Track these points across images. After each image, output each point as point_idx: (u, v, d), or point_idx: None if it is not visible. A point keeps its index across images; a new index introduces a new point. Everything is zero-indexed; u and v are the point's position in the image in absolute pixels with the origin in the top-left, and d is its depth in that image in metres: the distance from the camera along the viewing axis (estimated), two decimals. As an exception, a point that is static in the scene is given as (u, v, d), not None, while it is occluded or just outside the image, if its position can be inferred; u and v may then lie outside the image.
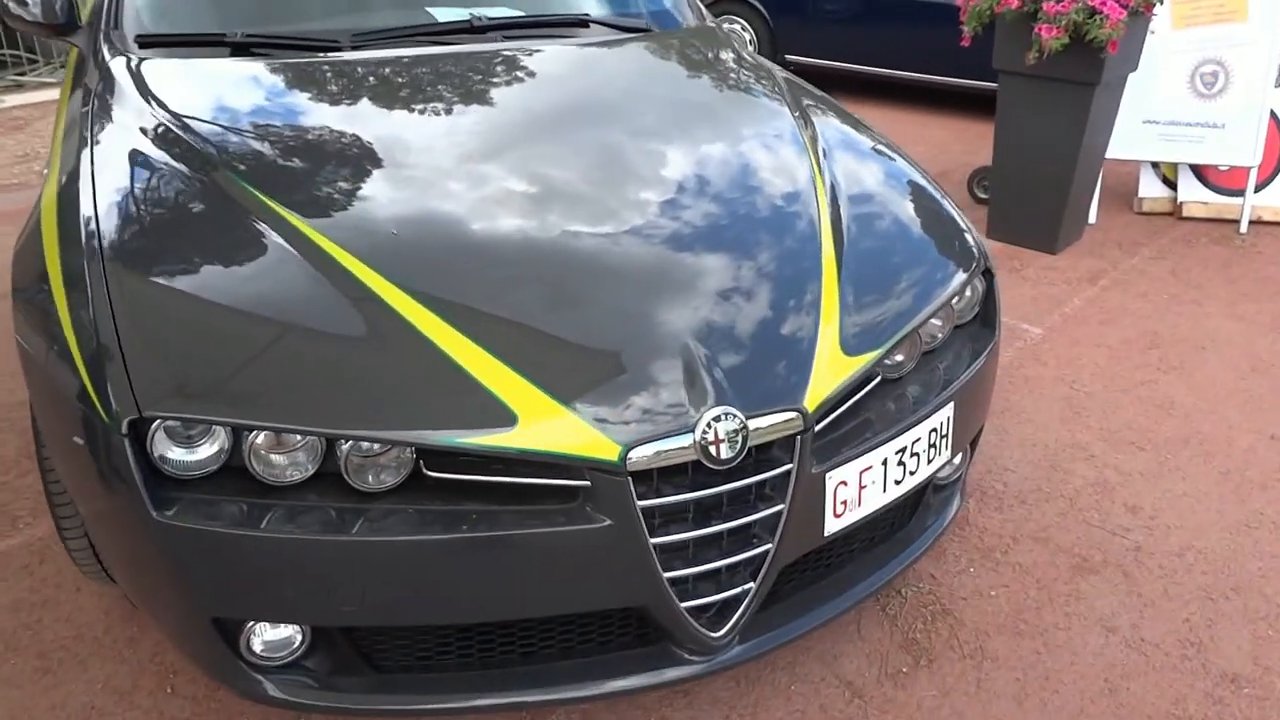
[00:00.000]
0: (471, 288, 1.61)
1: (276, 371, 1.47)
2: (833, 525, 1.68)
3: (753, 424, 1.53)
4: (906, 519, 2.01)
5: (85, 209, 1.73)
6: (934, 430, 1.81)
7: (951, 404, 1.84)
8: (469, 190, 1.84)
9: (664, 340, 1.57)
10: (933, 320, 1.93)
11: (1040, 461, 2.69)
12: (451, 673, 1.61)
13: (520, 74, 2.33)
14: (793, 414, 1.56)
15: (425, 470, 1.51)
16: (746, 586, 1.62)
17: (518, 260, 1.68)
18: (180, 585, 1.47)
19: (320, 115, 2.05)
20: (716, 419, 1.49)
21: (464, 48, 2.42)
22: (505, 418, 1.46)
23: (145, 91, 2.10)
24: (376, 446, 1.47)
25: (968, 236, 2.06)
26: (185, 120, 1.99)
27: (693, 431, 1.49)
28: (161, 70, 2.21)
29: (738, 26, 6.68)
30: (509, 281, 1.63)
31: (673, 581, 1.56)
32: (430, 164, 1.91)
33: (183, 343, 1.50)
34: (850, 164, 2.16)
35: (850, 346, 1.68)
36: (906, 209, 2.06)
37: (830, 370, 1.63)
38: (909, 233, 1.99)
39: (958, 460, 2.11)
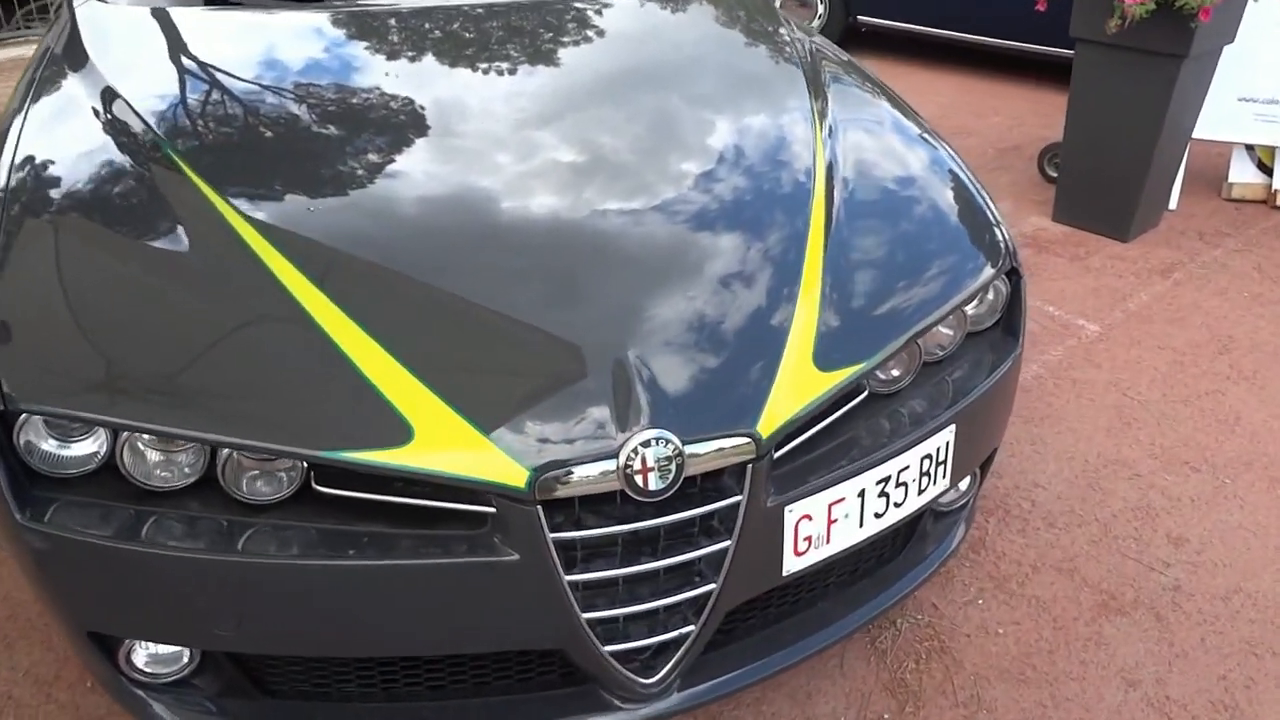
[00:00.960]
0: (388, 281, 1.43)
1: (162, 368, 1.31)
2: (793, 564, 1.47)
3: (691, 450, 1.32)
4: (897, 550, 1.78)
5: None
6: (928, 457, 1.58)
7: (953, 427, 1.61)
8: (406, 172, 1.64)
9: (598, 350, 1.37)
10: (940, 328, 1.69)
11: (1077, 479, 2.42)
12: (352, 703, 1.45)
13: (497, 28, 2.13)
14: (742, 440, 1.35)
15: (315, 485, 1.35)
16: (686, 629, 1.43)
17: (445, 254, 1.48)
18: (48, 594, 1.34)
19: (279, 79, 1.88)
20: (645, 444, 1.29)
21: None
22: (400, 432, 1.28)
23: (100, 46, 1.96)
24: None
25: (995, 230, 1.79)
26: (132, 84, 1.84)
27: (616, 457, 1.29)
28: (123, 19, 2.07)
29: (808, -17, 6.32)
30: (431, 276, 1.44)
31: (597, 622, 1.37)
32: (376, 142, 1.71)
33: (65, 332, 1.35)
34: (863, 143, 1.90)
35: (826, 359, 1.46)
36: (922, 197, 1.80)
37: (796, 388, 1.41)
38: (920, 225, 1.74)
39: (964, 486, 1.87)
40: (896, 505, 1.56)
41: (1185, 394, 2.77)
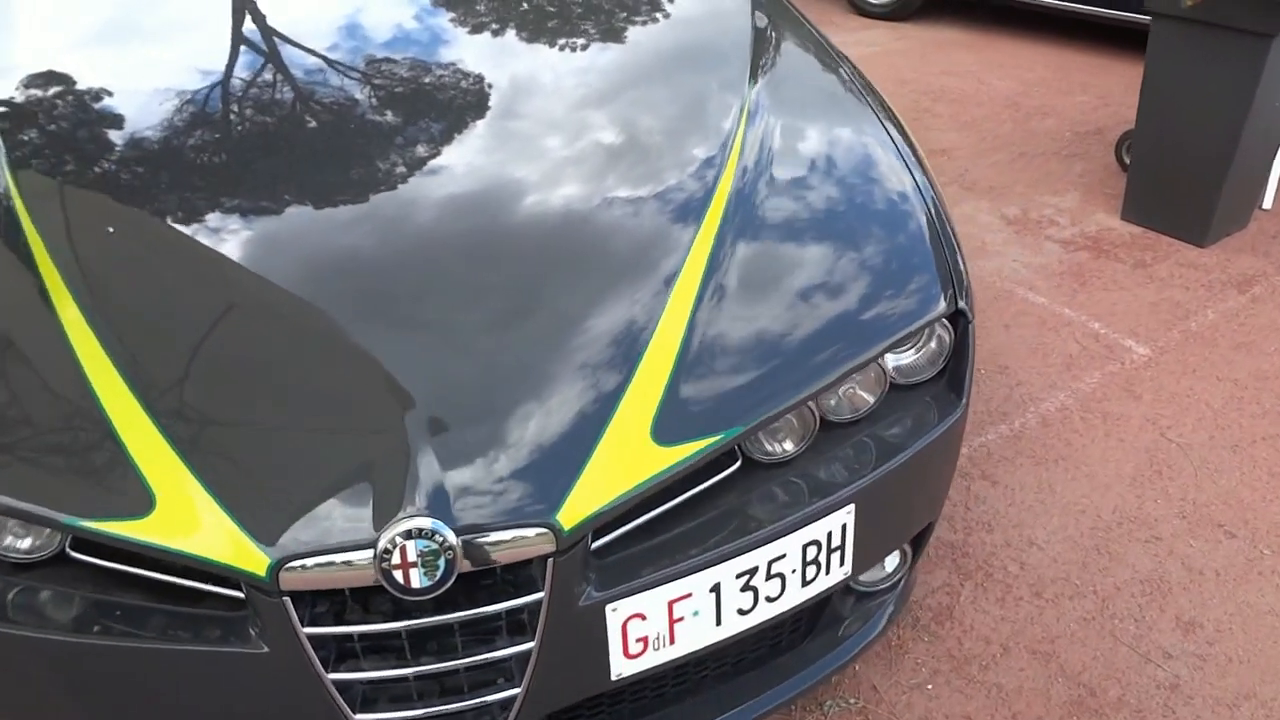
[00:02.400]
0: (162, 328, 1.24)
1: None
2: (626, 667, 1.23)
3: (467, 542, 1.09)
4: (800, 636, 1.51)
5: None
6: (815, 543, 1.31)
7: (851, 507, 1.32)
8: (215, 213, 1.41)
9: (375, 424, 1.14)
10: (857, 388, 1.40)
11: (1082, 538, 2.07)
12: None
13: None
14: (535, 531, 1.11)
15: (68, 551, 1.18)
16: None
17: (229, 307, 1.27)
18: None
19: (117, 82, 1.70)
20: (407, 535, 1.07)
21: None
22: (141, 502, 1.10)
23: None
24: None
25: (939, 265, 1.47)
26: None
27: (374, 548, 1.07)
28: None
29: (891, -55, 5.85)
30: (209, 330, 1.24)
31: None
32: (196, 179, 1.47)
33: None
34: (790, 150, 1.60)
35: (669, 431, 1.19)
36: (851, 222, 1.50)
37: (621, 467, 1.16)
38: (841, 259, 1.44)
39: (890, 567, 1.58)
40: (770, 600, 1.30)
41: (1237, 438, 2.37)
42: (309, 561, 1.07)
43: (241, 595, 1.12)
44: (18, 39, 1.83)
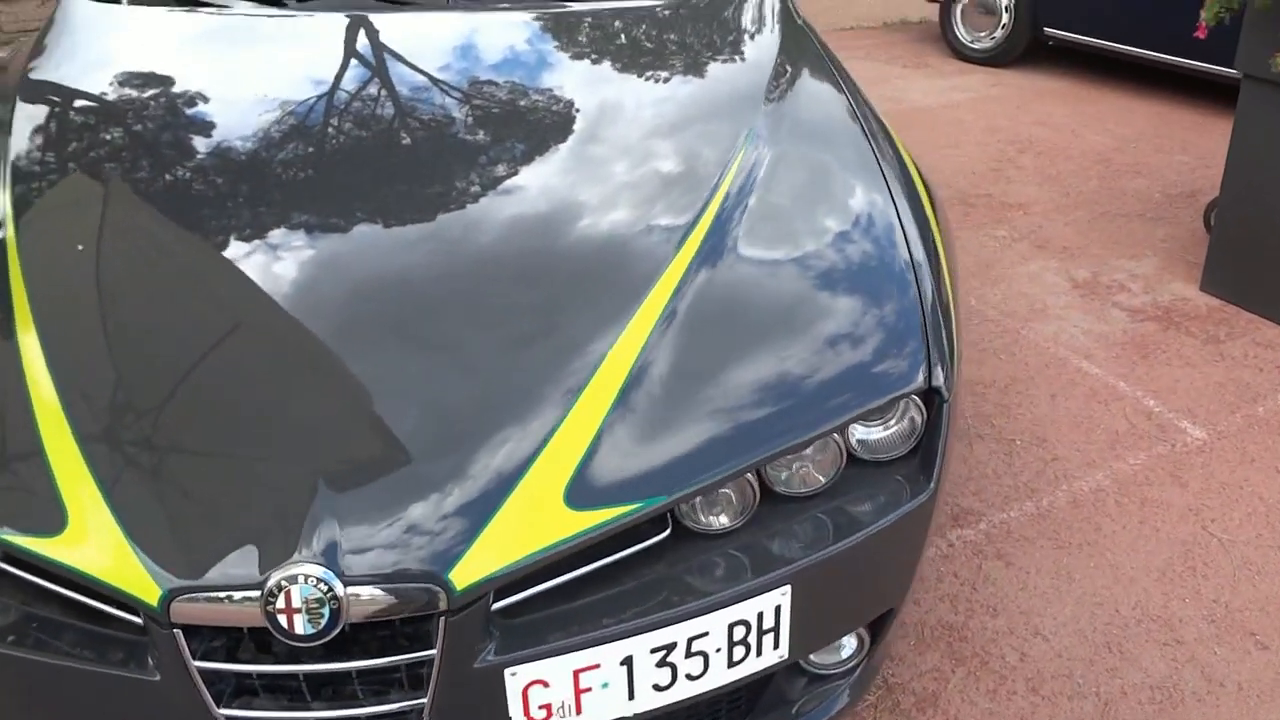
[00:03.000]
0: (111, 348, 1.27)
1: None
2: (527, 733, 1.19)
3: (355, 593, 1.07)
4: (737, 716, 1.44)
5: None
6: (743, 623, 1.25)
7: (787, 588, 1.26)
8: (185, 240, 1.44)
9: (285, 463, 1.14)
10: (804, 462, 1.33)
11: (1094, 633, 1.94)
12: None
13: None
14: (425, 588, 1.09)
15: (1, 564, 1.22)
16: None
17: (173, 333, 1.29)
18: None
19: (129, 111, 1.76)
20: (293, 579, 1.06)
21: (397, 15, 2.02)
22: (55, 519, 1.12)
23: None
24: None
25: (917, 337, 1.40)
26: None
27: (260, 589, 1.07)
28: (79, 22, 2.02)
29: (994, -11, 5.69)
30: (156, 348, 1.26)
31: None
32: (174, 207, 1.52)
33: None
34: (780, 198, 1.55)
35: (585, 494, 1.15)
36: (827, 276, 1.44)
37: (526, 529, 1.12)
38: (807, 316, 1.38)
39: (846, 651, 1.50)
40: (691, 678, 1.24)
41: (1287, 538, 2.18)
42: (199, 595, 1.07)
43: (138, 621, 1.13)
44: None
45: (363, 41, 1.93)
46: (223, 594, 1.07)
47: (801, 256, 1.47)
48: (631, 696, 1.22)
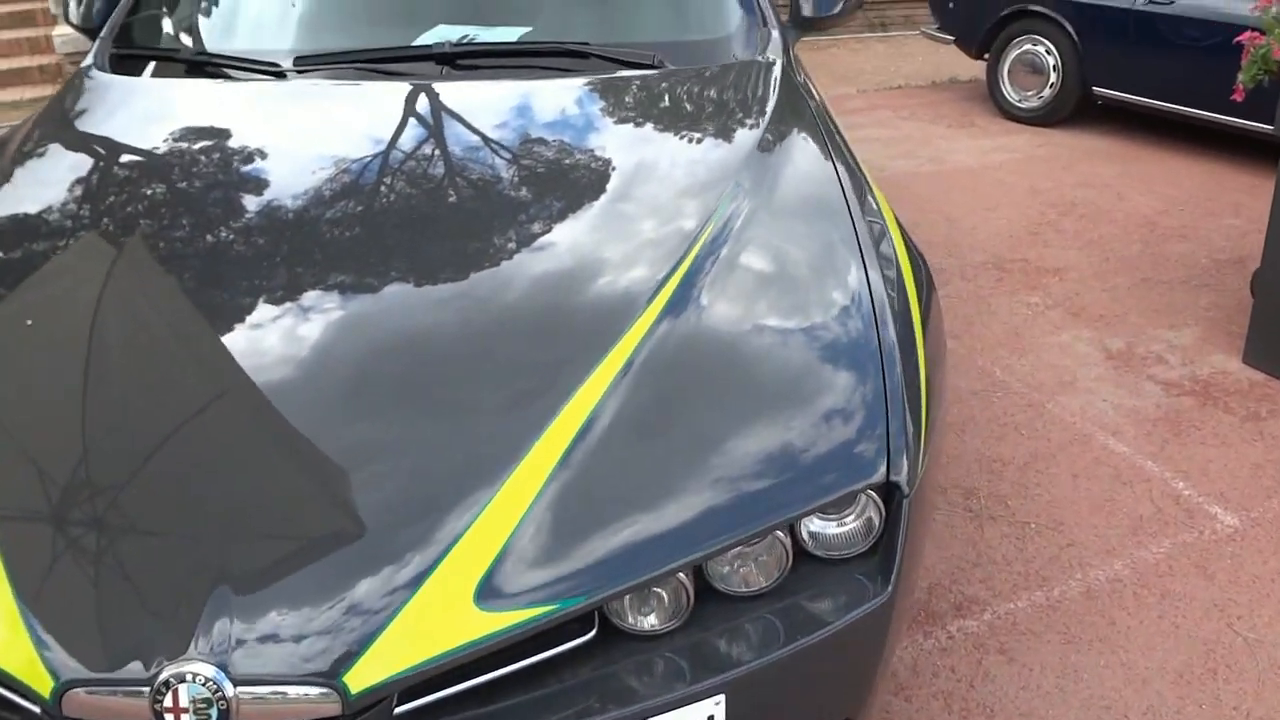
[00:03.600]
0: (37, 423, 1.26)
1: None
2: (438, 847, 1.13)
3: (245, 693, 1.03)
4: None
5: None
6: (668, 735, 1.17)
7: (720, 698, 1.18)
8: (117, 313, 1.44)
9: (196, 546, 1.11)
10: (746, 561, 1.26)
11: (1099, 740, 1.81)
12: None
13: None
14: (318, 690, 1.04)
15: None
16: None
17: (96, 418, 1.27)
18: None
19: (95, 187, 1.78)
20: (181, 678, 1.02)
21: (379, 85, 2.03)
22: None
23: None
24: None
25: (875, 426, 1.32)
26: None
27: (149, 686, 1.03)
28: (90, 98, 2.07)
29: (1041, 49, 5.59)
30: (80, 426, 1.25)
31: None
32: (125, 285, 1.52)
33: None
34: (739, 272, 1.50)
35: (497, 594, 1.10)
36: (783, 361, 1.38)
37: (432, 630, 1.07)
38: (758, 404, 1.31)
39: None
40: (614, 792, 1.17)
41: (1321, 640, 2.02)
42: (88, 690, 1.04)
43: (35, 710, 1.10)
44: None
45: (364, 110, 1.94)
46: (113, 689, 1.04)
47: (758, 336, 1.41)
48: (550, 810, 1.15)
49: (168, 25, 2.30)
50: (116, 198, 1.70)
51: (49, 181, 1.78)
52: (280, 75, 2.09)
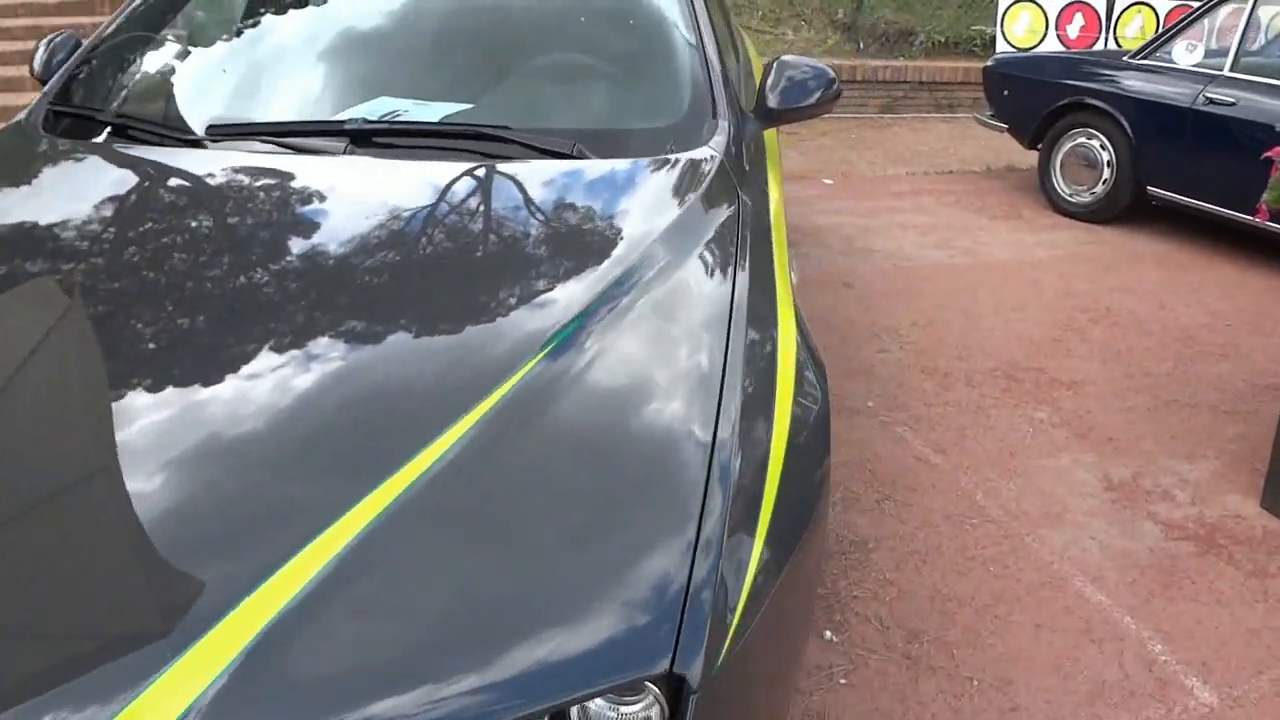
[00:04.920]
0: None
1: None
2: None
3: None
4: None
5: None
6: None
7: None
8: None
9: None
10: None
11: None
12: None
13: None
14: None
15: None
16: None
17: None
18: None
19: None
20: None
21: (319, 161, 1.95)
22: None
23: None
24: None
25: (676, 604, 1.13)
26: None
27: None
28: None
29: (1095, 144, 5.34)
30: None
31: None
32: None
33: None
34: (573, 408, 1.34)
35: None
36: (572, 521, 1.20)
37: None
38: (526, 571, 1.13)
39: None
40: None
41: None
42: None
43: None
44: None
45: (256, 182, 1.86)
46: None
47: (561, 477, 1.24)
48: None
49: (102, 86, 2.27)
50: None
51: None
52: (197, 144, 2.03)
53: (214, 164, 1.94)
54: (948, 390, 3.43)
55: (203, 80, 2.27)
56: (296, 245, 1.68)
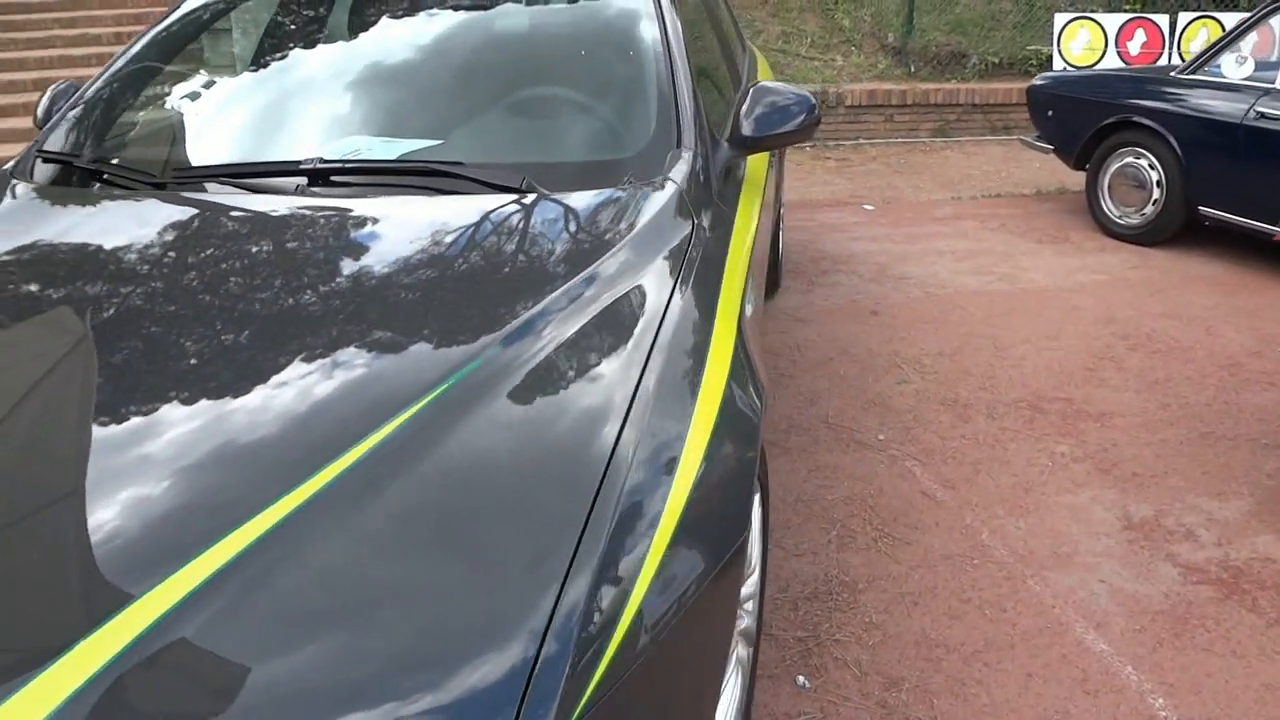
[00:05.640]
0: None
1: None
2: None
3: None
4: None
5: None
6: None
7: None
8: None
9: None
10: None
11: None
12: None
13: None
14: None
15: None
16: None
17: None
18: None
19: None
20: None
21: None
22: None
23: None
24: None
25: (518, 682, 1.05)
26: None
27: None
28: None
29: (1144, 163, 5.12)
30: None
31: None
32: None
33: None
34: (460, 451, 1.29)
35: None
36: (444, 556, 1.15)
37: None
38: (379, 622, 1.07)
39: None
40: None
41: None
42: None
43: None
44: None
45: (201, 224, 1.88)
46: None
47: (425, 513, 1.20)
48: None
49: (84, 134, 2.33)
50: None
51: None
52: (160, 186, 2.07)
53: (173, 206, 1.96)
54: (966, 423, 3.29)
55: (175, 127, 2.32)
56: (234, 277, 1.69)
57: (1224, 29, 8.12)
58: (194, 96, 2.42)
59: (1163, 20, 8.35)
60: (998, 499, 2.83)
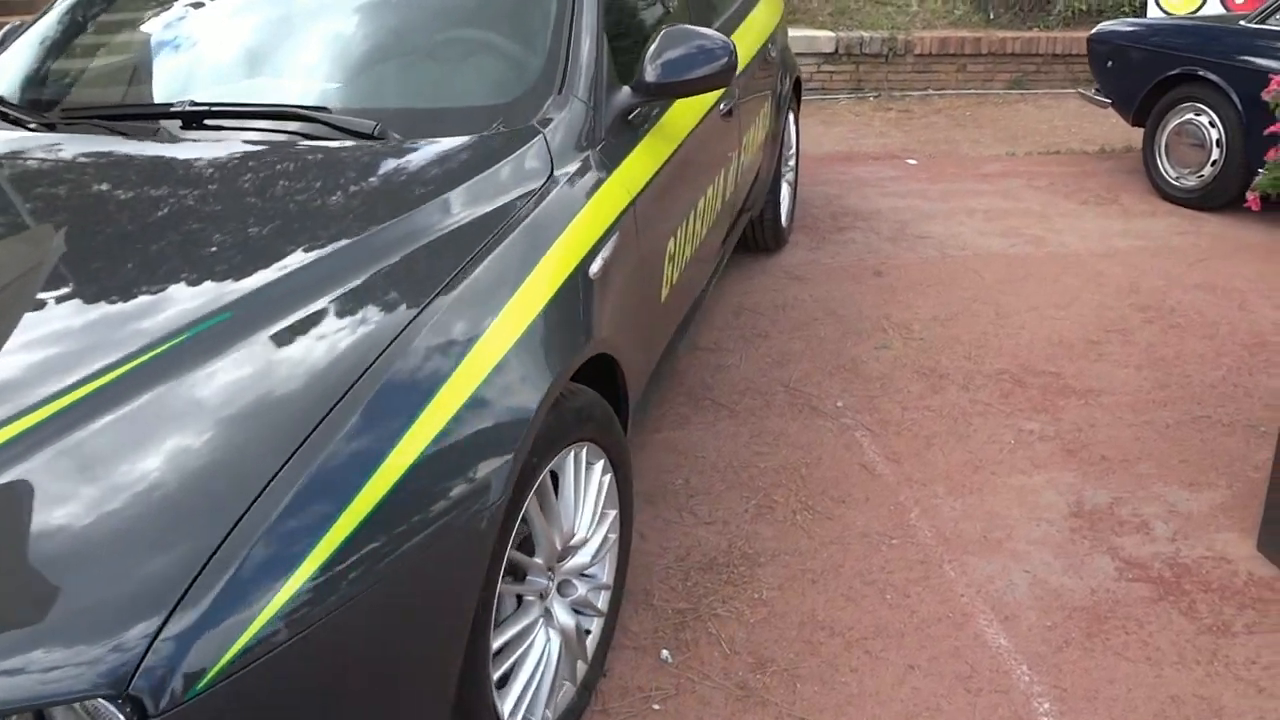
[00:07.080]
0: None
1: None
2: None
3: None
4: None
5: None
6: None
7: None
8: None
9: None
10: None
11: None
12: None
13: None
14: None
15: None
16: None
17: None
18: None
19: None
20: None
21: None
22: None
23: None
24: None
25: (154, 617, 1.02)
26: None
27: None
28: None
29: (1204, 120, 4.70)
30: None
31: None
32: None
33: None
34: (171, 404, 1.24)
35: None
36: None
37: None
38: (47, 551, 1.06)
39: None
40: None
41: None
42: None
43: None
44: None
45: (72, 164, 1.88)
46: None
47: (110, 463, 1.16)
48: None
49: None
50: None
51: None
52: (50, 126, 2.07)
53: (55, 144, 1.97)
54: (936, 393, 3.10)
55: (77, 69, 2.33)
56: (60, 212, 1.69)
57: (1341, -26, 7.37)
58: (97, 37, 2.42)
59: (1272, -36, 7.64)
60: (942, 476, 2.66)
